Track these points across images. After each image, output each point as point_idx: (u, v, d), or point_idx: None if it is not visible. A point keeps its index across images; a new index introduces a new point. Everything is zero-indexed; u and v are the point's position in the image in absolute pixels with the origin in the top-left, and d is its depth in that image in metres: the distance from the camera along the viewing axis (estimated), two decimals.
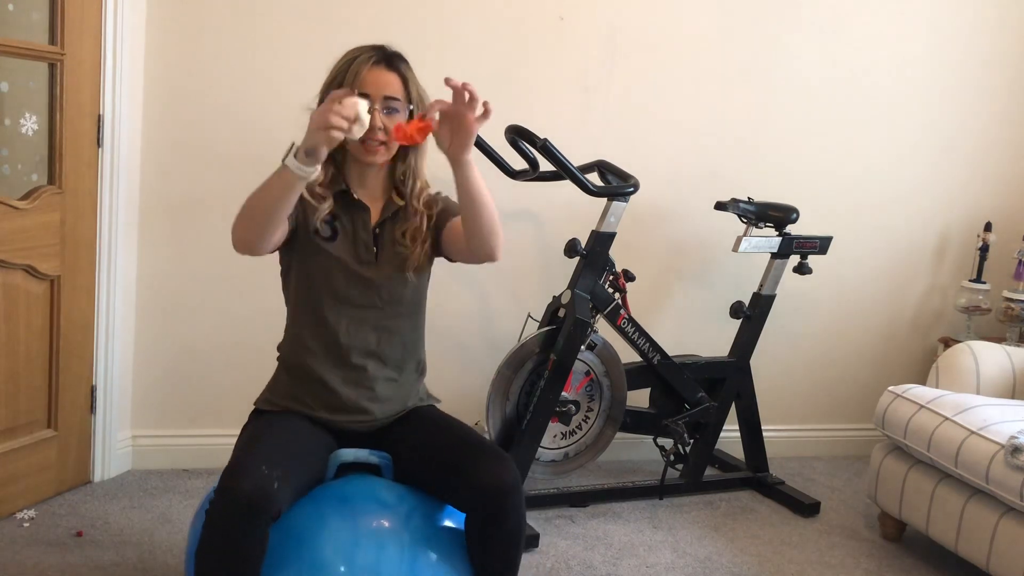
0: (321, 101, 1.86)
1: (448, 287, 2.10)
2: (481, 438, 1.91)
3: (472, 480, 1.76)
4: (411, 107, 1.89)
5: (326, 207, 1.88)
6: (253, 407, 1.99)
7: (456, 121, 1.69)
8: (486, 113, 1.69)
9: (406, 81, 1.89)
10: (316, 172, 1.67)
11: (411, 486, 1.89)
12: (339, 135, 1.62)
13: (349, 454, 1.89)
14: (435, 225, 1.97)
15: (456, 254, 1.96)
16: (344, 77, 1.85)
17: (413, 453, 1.89)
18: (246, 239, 1.75)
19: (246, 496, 1.59)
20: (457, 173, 1.75)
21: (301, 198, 1.86)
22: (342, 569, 1.71)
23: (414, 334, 2.01)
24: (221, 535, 1.61)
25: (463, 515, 1.85)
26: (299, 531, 1.74)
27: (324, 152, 1.65)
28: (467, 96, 1.66)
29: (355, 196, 1.92)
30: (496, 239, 1.82)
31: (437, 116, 1.70)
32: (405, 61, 1.92)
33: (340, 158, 1.93)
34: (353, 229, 1.92)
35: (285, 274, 1.98)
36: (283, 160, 1.65)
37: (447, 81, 1.66)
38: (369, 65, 1.85)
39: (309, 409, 1.91)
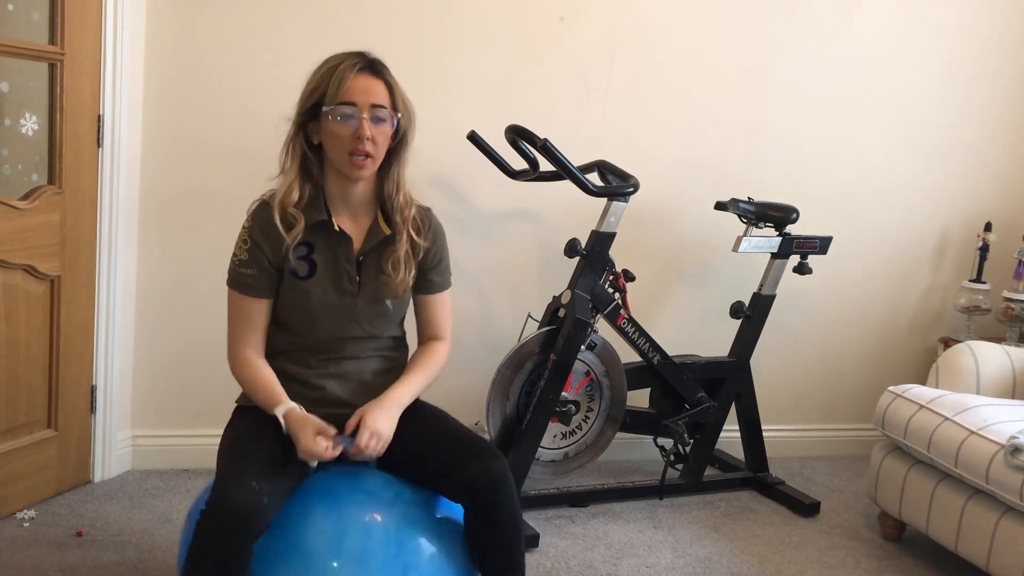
0: (303, 111, 1.83)
1: None
2: (470, 432, 1.92)
3: (463, 474, 1.78)
4: (397, 115, 1.85)
5: (297, 231, 1.82)
6: (236, 404, 2.00)
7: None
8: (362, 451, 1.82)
9: (391, 89, 1.85)
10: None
11: (402, 479, 1.90)
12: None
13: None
14: (419, 271, 1.96)
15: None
16: (328, 85, 1.79)
17: (403, 448, 1.88)
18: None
19: (237, 512, 1.60)
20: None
21: (273, 242, 1.84)
22: (330, 556, 1.73)
23: (397, 330, 2.01)
24: (210, 549, 1.62)
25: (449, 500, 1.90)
26: (285, 523, 1.75)
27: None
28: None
29: (337, 227, 1.87)
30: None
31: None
32: (387, 68, 1.87)
33: (320, 177, 1.87)
34: (335, 261, 1.88)
35: None
36: (278, 413, 1.81)
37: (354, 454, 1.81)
38: (355, 72, 1.80)
39: None
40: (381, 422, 1.82)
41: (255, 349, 1.90)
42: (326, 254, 1.88)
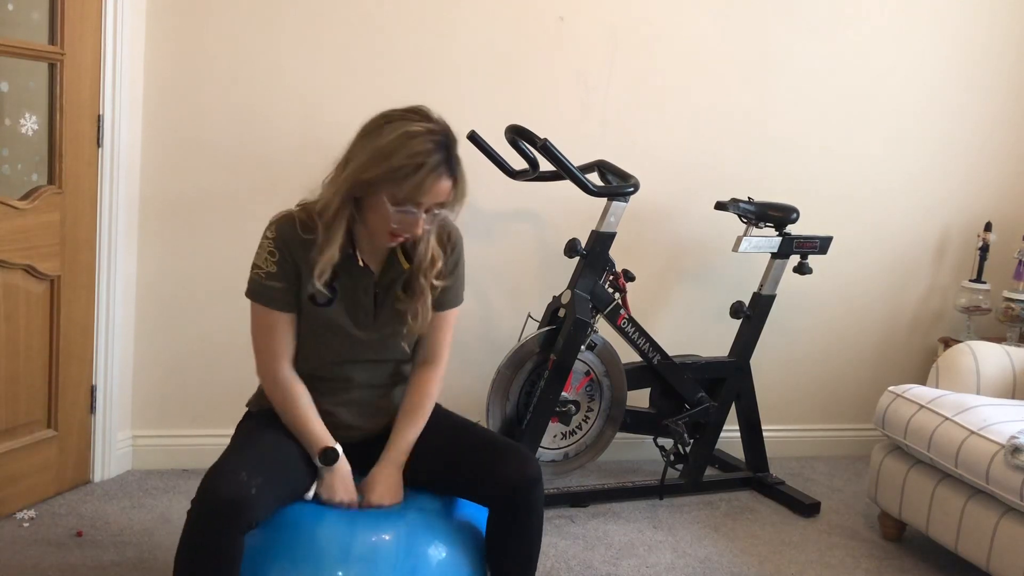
0: (360, 179, 1.74)
1: None
2: (494, 434, 1.97)
3: (499, 476, 1.80)
4: (451, 209, 1.81)
5: (326, 266, 1.79)
6: (246, 408, 2.00)
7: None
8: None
9: (457, 182, 1.79)
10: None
11: (423, 486, 1.91)
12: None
13: None
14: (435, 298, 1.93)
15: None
16: (404, 183, 1.72)
17: (426, 454, 1.90)
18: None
19: (222, 501, 1.60)
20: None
21: (301, 261, 1.81)
22: (340, 559, 1.73)
23: (404, 355, 1.98)
24: (197, 538, 1.63)
25: (460, 504, 1.92)
26: (296, 524, 1.76)
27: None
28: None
29: (361, 262, 1.86)
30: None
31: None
32: (459, 158, 1.80)
33: (351, 217, 1.81)
34: (353, 292, 1.87)
35: None
36: (319, 460, 1.83)
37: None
38: (442, 179, 1.74)
39: None
40: (386, 496, 1.85)
41: (288, 364, 1.87)
42: (347, 284, 1.87)
